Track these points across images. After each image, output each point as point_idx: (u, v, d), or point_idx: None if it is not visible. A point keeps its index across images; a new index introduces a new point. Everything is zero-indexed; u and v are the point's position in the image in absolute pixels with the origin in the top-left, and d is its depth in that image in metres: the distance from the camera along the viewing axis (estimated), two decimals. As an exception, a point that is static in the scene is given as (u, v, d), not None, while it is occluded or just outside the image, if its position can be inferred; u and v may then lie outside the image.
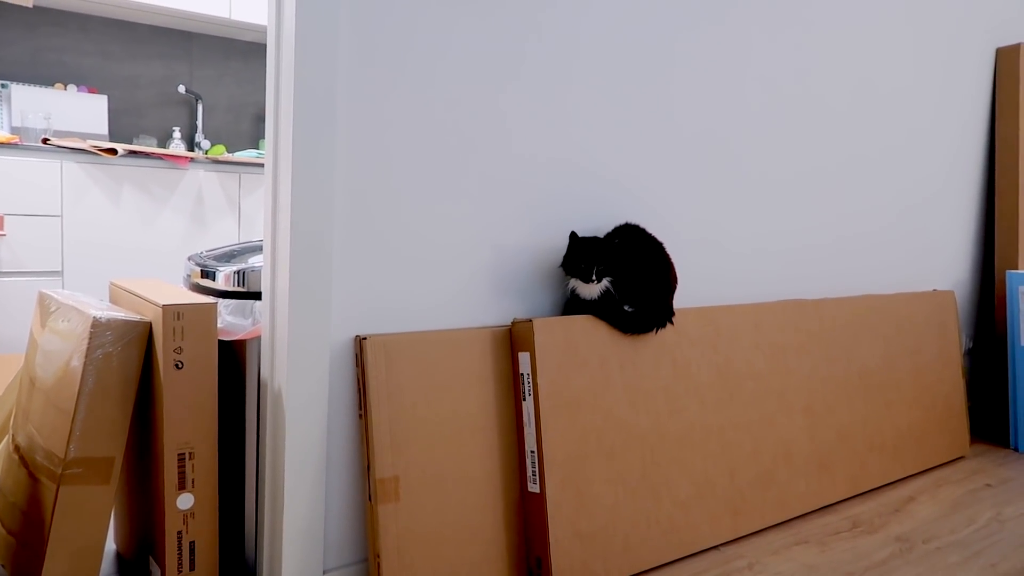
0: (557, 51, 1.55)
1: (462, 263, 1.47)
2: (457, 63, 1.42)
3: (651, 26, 1.70)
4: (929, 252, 2.52)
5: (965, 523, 1.84)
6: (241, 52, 3.81)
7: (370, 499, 1.30)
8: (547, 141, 1.56)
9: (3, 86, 3.16)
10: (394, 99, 1.35)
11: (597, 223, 1.65)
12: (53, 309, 1.38)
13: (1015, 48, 2.62)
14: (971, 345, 2.73)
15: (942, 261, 2.57)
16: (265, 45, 3.78)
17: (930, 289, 2.50)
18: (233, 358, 1.45)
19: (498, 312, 1.52)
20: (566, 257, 1.51)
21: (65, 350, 1.26)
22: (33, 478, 1.26)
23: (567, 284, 1.54)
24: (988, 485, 2.11)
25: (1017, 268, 2.55)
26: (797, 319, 1.93)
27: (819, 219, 2.14)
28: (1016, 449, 2.44)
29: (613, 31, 1.63)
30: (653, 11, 1.70)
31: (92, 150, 2.78)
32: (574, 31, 1.57)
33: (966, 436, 2.36)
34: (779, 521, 1.79)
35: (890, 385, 2.14)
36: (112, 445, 1.23)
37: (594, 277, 1.46)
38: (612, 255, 1.49)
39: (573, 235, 1.50)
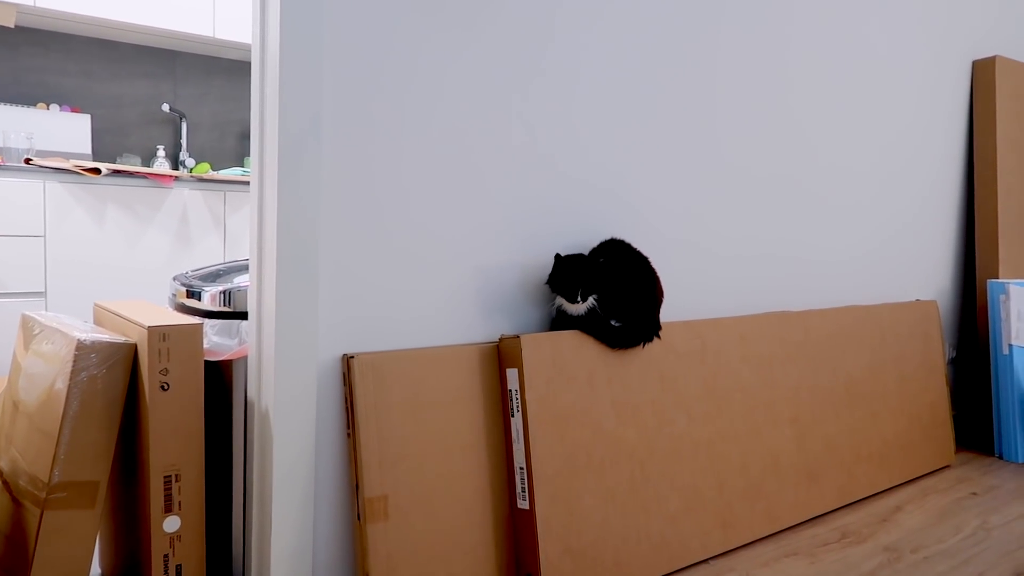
0: (550, 69, 1.57)
1: (448, 280, 1.47)
2: (440, 79, 1.43)
3: (640, 36, 1.72)
4: (912, 262, 2.54)
5: (952, 532, 1.85)
6: (225, 70, 3.81)
7: (359, 518, 1.29)
8: (532, 156, 1.57)
9: (-15, 106, 3.15)
10: (379, 116, 1.36)
11: (584, 237, 1.66)
12: (36, 331, 1.37)
13: (991, 60, 2.66)
14: (954, 354, 2.75)
15: (925, 271, 2.60)
16: (249, 63, 3.79)
17: (913, 299, 2.52)
18: (219, 378, 1.44)
19: (485, 329, 1.52)
20: (552, 276, 1.51)
21: (49, 373, 1.25)
22: (16, 503, 1.24)
23: (554, 300, 1.54)
24: (974, 493, 2.12)
25: (998, 277, 2.58)
26: (782, 331, 1.95)
27: (801, 231, 2.16)
28: (1000, 457, 2.46)
29: (605, 43, 1.65)
30: (648, 17, 1.72)
31: (75, 170, 2.76)
32: (569, 46, 1.59)
33: (951, 445, 2.37)
34: (768, 533, 1.79)
35: (875, 395, 2.16)
36: (97, 469, 1.22)
37: (579, 298, 1.47)
38: (597, 273, 1.50)
39: (558, 256, 1.51)
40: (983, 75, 2.69)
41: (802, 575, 1.60)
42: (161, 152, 3.58)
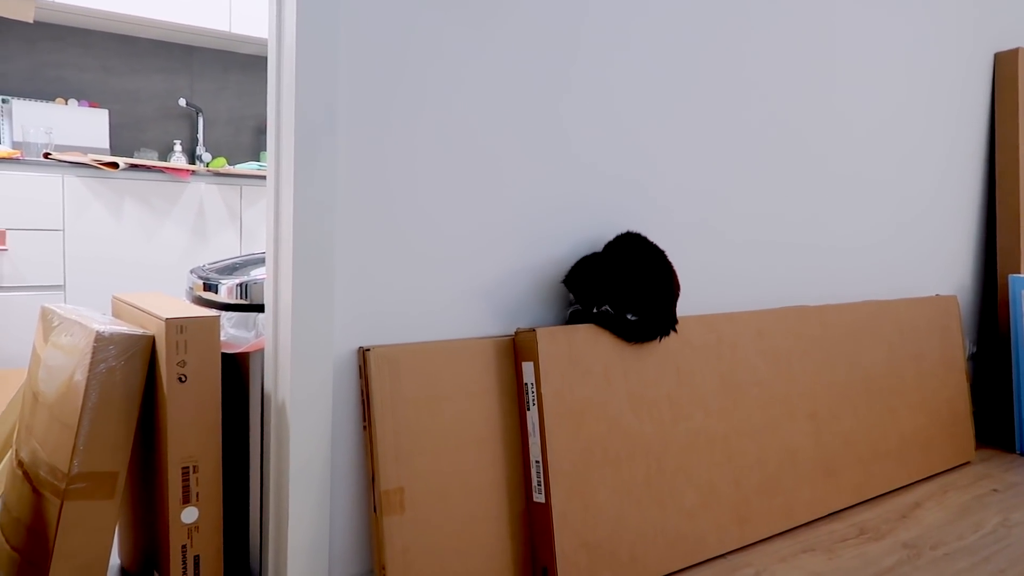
0: (552, 57, 1.56)
1: (464, 275, 1.47)
2: (455, 74, 1.42)
3: (653, 23, 1.70)
4: (931, 257, 2.51)
5: (972, 529, 1.83)
6: (241, 65, 3.83)
7: (375, 511, 1.30)
8: (547, 149, 1.56)
9: (4, 101, 3.17)
10: (394, 110, 1.35)
11: (599, 231, 1.65)
12: (56, 324, 1.38)
13: (1013, 52, 2.62)
14: (974, 349, 2.72)
15: (944, 266, 2.57)
16: (265, 57, 3.80)
17: (933, 294, 2.50)
18: (236, 371, 1.45)
19: (501, 323, 1.52)
20: (568, 278, 1.51)
21: (68, 365, 1.26)
22: (37, 493, 1.25)
23: (569, 296, 1.54)
24: (994, 490, 2.10)
25: (1020, 272, 2.55)
26: (800, 325, 1.93)
27: (820, 225, 2.14)
28: (1021, 454, 2.43)
29: (632, 34, 1.64)
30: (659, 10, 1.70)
31: (93, 164, 2.79)
32: (596, 39, 1.58)
33: (971, 441, 2.35)
34: (785, 529, 1.78)
35: (894, 390, 2.14)
36: (116, 460, 1.22)
37: (595, 310, 1.48)
38: (612, 276, 1.49)
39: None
40: (1005, 67, 2.65)
41: (820, 571, 1.59)
42: (178, 146, 3.60)
